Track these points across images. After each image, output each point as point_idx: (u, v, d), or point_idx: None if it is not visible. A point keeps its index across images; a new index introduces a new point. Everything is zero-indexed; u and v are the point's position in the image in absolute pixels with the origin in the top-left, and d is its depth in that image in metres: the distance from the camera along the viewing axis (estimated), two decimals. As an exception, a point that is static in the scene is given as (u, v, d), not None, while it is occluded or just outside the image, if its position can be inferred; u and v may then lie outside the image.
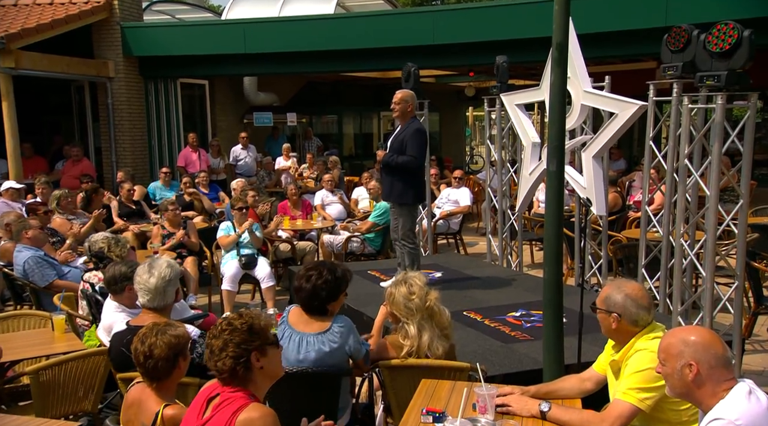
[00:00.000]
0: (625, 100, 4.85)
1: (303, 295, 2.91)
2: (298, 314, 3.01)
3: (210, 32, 10.01)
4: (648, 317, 2.51)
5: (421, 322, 3.08)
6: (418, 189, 5.18)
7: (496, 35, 8.44)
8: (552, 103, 3.48)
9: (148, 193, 8.91)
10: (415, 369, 3.06)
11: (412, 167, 5.05)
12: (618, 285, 2.61)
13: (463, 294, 5.37)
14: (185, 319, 4.04)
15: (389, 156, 5.12)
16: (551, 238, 3.50)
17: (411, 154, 5.02)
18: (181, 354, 2.30)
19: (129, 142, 10.32)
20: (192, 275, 5.94)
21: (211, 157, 10.57)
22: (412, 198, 5.16)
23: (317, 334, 2.90)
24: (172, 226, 6.33)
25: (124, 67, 10.06)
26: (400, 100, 5.14)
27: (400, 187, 5.11)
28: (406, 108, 5.13)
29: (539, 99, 5.71)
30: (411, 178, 5.10)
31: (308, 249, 7.20)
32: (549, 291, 3.57)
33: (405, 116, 5.16)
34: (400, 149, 5.08)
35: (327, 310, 2.96)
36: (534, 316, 4.76)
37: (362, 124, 17.79)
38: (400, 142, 5.10)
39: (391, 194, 5.20)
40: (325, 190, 8.91)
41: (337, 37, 9.45)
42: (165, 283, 3.07)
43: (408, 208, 5.19)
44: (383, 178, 5.28)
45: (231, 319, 2.15)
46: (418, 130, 5.09)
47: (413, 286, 3.12)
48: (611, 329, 2.61)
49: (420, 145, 5.05)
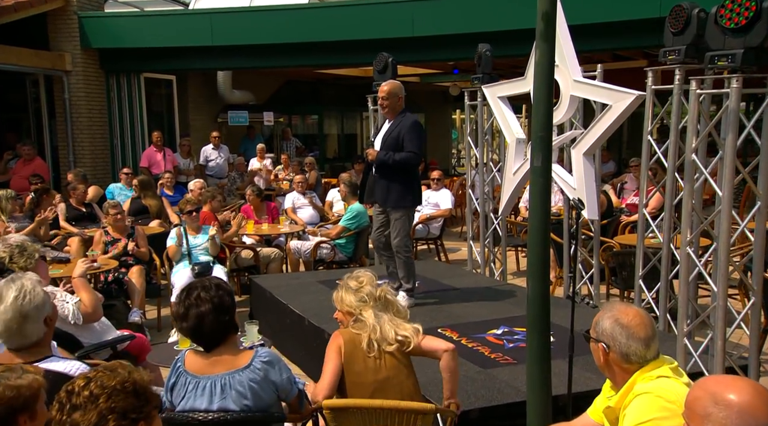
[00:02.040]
0: (621, 89, 4.29)
1: (186, 327, 2.29)
2: (197, 357, 2.36)
3: (175, 23, 9.37)
4: (644, 352, 1.91)
5: (377, 311, 2.72)
6: (417, 190, 4.64)
7: (479, 27, 7.88)
8: (537, 85, 2.91)
9: (105, 196, 8.24)
10: (366, 413, 2.46)
11: (413, 164, 4.50)
12: (610, 307, 2.04)
13: (439, 308, 4.79)
14: (104, 343, 3.42)
15: (384, 154, 4.50)
16: (536, 247, 2.92)
17: (411, 149, 4.44)
18: (24, 410, 1.65)
19: (88, 140, 9.65)
20: (137, 287, 5.29)
21: (180, 157, 9.96)
22: (411, 200, 4.58)
23: (233, 373, 2.28)
24: (116, 231, 5.68)
25: (83, 59, 9.40)
26: (388, 94, 4.54)
27: (398, 189, 4.52)
28: (396, 102, 4.54)
29: (524, 90, 5.13)
30: (410, 177, 4.54)
31: (273, 256, 6.59)
32: (534, 309, 2.98)
33: (395, 111, 4.57)
34: (396, 146, 4.48)
35: (228, 336, 2.35)
36: (517, 334, 4.18)
37: (344, 125, 17.23)
38: (395, 138, 4.50)
39: (388, 198, 4.58)
40: (296, 193, 8.30)
41: (311, 28, 8.85)
42: (19, 318, 2.24)
43: (406, 212, 4.60)
44: (377, 181, 4.62)
45: (101, 378, 1.52)
46: (415, 123, 4.54)
47: (361, 277, 2.86)
48: (600, 363, 2.05)
49: (419, 138, 4.50)
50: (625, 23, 7.62)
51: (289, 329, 5.01)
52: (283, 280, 5.76)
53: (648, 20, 7.47)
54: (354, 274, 2.92)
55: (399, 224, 4.59)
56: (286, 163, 11.26)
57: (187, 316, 2.29)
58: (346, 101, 16.87)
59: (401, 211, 4.57)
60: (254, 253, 6.42)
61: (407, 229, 4.63)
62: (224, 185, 10.43)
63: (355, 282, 2.85)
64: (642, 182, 4.24)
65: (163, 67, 10.07)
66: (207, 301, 2.29)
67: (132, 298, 5.30)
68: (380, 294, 2.79)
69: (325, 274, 6.21)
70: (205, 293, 2.31)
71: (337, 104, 16.64)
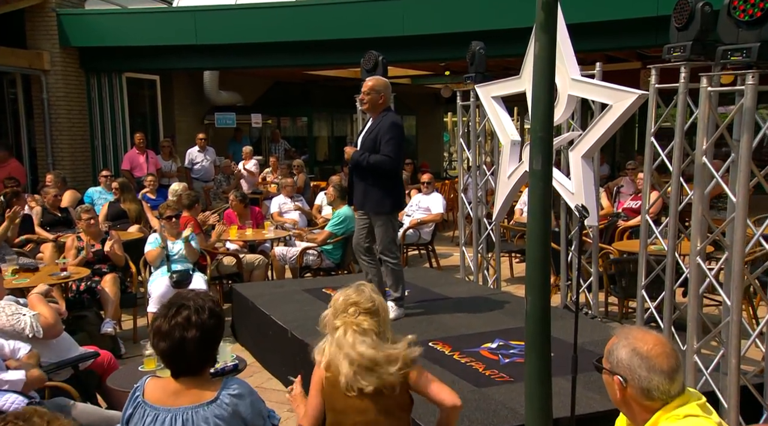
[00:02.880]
0: (622, 88, 4.06)
1: (164, 347, 1.99)
2: (158, 385, 2.08)
3: (157, 21, 9.08)
4: (668, 387, 1.64)
5: (351, 333, 2.33)
6: (397, 195, 4.31)
7: (471, 26, 7.65)
8: (537, 81, 2.65)
9: (82, 200, 7.92)
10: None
11: (386, 168, 4.17)
12: (626, 334, 1.74)
13: (430, 318, 4.52)
14: (64, 362, 3.13)
15: (360, 154, 4.24)
16: (536, 258, 2.67)
17: (385, 153, 4.15)
18: None
19: (68, 142, 9.33)
20: (111, 296, 5.00)
21: (161, 159, 9.66)
22: (390, 206, 4.28)
23: (197, 408, 1.99)
24: (89, 237, 5.38)
25: (62, 58, 9.09)
26: (369, 89, 4.26)
27: (376, 193, 4.23)
28: (377, 99, 4.26)
29: (520, 90, 4.90)
30: (388, 181, 4.23)
31: (257, 263, 6.30)
32: (533, 326, 2.73)
33: (375, 109, 4.29)
34: (373, 147, 4.20)
35: (203, 368, 2.07)
36: (513, 347, 3.92)
37: (334, 127, 16.97)
38: (373, 138, 4.23)
39: (365, 202, 4.30)
40: (283, 196, 8.03)
41: (298, 27, 8.60)
42: None
43: (386, 217, 4.31)
44: (354, 183, 4.36)
45: None
46: (393, 124, 4.21)
47: (341, 297, 2.41)
48: (616, 399, 1.75)
49: (396, 141, 4.17)
50: (619, 23, 7.42)
51: (271, 341, 4.73)
52: (267, 288, 5.48)
53: (644, 19, 7.28)
54: (348, 290, 2.45)
55: (381, 231, 4.32)
56: (275, 166, 10.99)
57: (169, 336, 1.97)
58: (336, 103, 16.61)
59: (382, 218, 4.30)
60: (237, 260, 6.14)
61: (391, 235, 4.35)
62: (210, 188, 10.17)
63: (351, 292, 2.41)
64: (645, 186, 4.00)
65: (146, 66, 9.78)
66: (196, 326, 1.97)
67: (105, 308, 5.01)
68: (346, 320, 2.33)
69: (311, 282, 5.94)
70: (197, 317, 1.98)
71: (327, 106, 16.39)
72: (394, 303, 4.41)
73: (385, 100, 4.29)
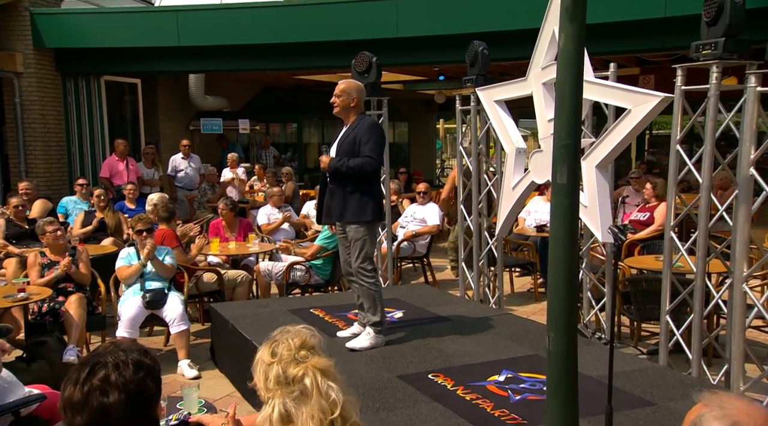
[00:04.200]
0: (642, 91, 3.65)
1: (81, 423, 1.50)
2: None
3: (138, 21, 8.62)
4: None
5: (288, 402, 1.72)
6: (378, 201, 3.93)
7: (469, 27, 7.24)
8: (562, 79, 2.24)
9: (55, 210, 7.43)
10: None
11: (368, 171, 3.79)
12: (720, 403, 1.26)
13: (428, 345, 4.08)
14: (5, 407, 2.66)
15: (337, 161, 3.85)
16: (560, 291, 2.25)
17: (367, 153, 3.78)
18: None
19: (42, 148, 8.83)
20: (75, 319, 4.52)
21: (143, 166, 9.18)
22: (371, 213, 3.86)
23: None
24: (54, 253, 4.90)
25: (36, 60, 8.60)
26: (341, 92, 3.92)
27: (356, 200, 3.83)
28: (349, 101, 3.91)
29: (525, 93, 4.49)
30: (368, 187, 3.86)
31: (240, 279, 5.84)
32: (556, 370, 2.30)
33: (347, 113, 3.95)
34: (352, 152, 3.83)
35: None
36: (524, 381, 3.49)
37: (325, 134, 16.55)
38: (351, 142, 3.87)
39: (345, 212, 3.90)
40: (270, 207, 7.58)
41: (285, 28, 8.16)
42: None
43: (367, 227, 3.89)
44: (331, 194, 3.97)
45: None
46: (373, 125, 3.90)
47: (280, 345, 1.80)
48: None
49: (378, 142, 3.84)
50: (623, 24, 7.03)
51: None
52: (249, 308, 5.02)
53: (651, 21, 6.91)
54: (284, 332, 1.87)
55: (359, 244, 3.89)
56: (261, 174, 10.56)
57: (85, 406, 1.51)
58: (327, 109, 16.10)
59: (362, 228, 3.88)
60: (218, 277, 5.67)
61: (368, 249, 3.90)
62: (194, 197, 9.73)
63: (269, 352, 1.82)
64: (669, 199, 3.60)
65: (126, 69, 9.30)
66: (118, 387, 1.52)
67: (68, 333, 4.52)
68: (297, 375, 1.75)
69: (298, 301, 5.49)
70: (117, 375, 1.53)
71: (317, 112, 15.99)
72: (371, 328, 3.98)
73: (358, 103, 3.93)
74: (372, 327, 4.00)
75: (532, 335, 4.22)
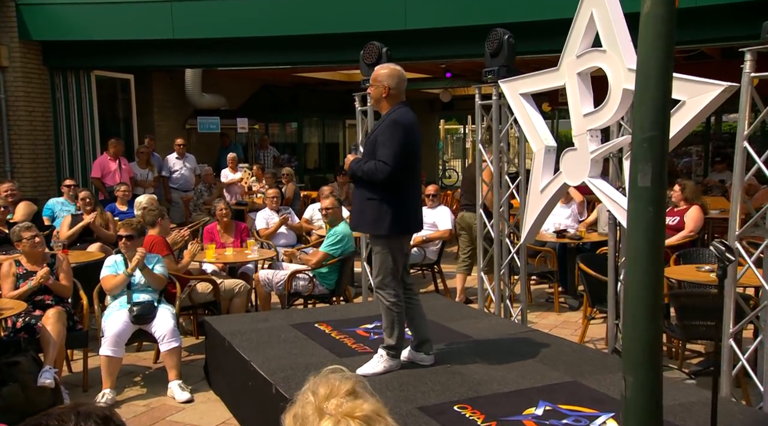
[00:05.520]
0: (700, 80, 3.18)
1: None
2: None
3: (130, 13, 8.15)
4: None
5: None
6: (399, 213, 3.34)
7: (484, 18, 6.76)
8: (645, 54, 1.76)
9: (40, 213, 6.95)
10: None
11: (381, 179, 3.26)
12: None
13: (450, 369, 3.60)
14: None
15: (356, 162, 3.38)
16: (643, 317, 1.77)
17: (380, 158, 3.27)
18: None
19: (28, 147, 8.36)
20: (53, 336, 4.04)
21: (137, 167, 8.72)
22: (387, 227, 3.32)
23: None
24: (31, 262, 4.42)
25: (22, 54, 8.15)
26: (373, 80, 3.42)
27: (373, 209, 3.33)
28: (381, 92, 3.39)
29: (557, 84, 4.02)
30: (388, 195, 3.31)
31: (238, 289, 5.36)
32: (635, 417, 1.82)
33: (380, 105, 3.45)
34: (372, 153, 3.35)
35: None
36: (566, 415, 3.01)
37: (326, 134, 16.11)
38: (372, 142, 3.39)
39: (361, 222, 3.44)
40: (268, 210, 7.11)
41: (287, 20, 7.71)
42: None
43: (384, 242, 3.37)
44: (353, 198, 3.58)
45: None
46: (393, 123, 3.32)
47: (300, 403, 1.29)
48: None
49: (397, 145, 3.27)
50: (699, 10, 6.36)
51: (250, 394, 3.79)
52: (247, 322, 4.54)
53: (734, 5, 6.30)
54: (311, 386, 1.35)
55: (378, 259, 3.40)
56: (260, 175, 10.11)
57: None
58: (328, 108, 15.80)
59: (379, 243, 3.39)
60: (214, 287, 5.19)
61: (389, 266, 3.38)
62: (190, 199, 9.28)
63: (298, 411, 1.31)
64: (734, 203, 3.12)
65: (117, 63, 8.85)
66: None
67: (45, 352, 4.04)
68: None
69: (300, 314, 5.02)
70: None
71: (317, 111, 15.57)
72: (384, 351, 3.50)
73: (391, 93, 3.40)
74: (385, 349, 3.53)
75: (566, 357, 3.75)
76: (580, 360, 3.67)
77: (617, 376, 3.38)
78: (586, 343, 4.92)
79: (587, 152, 3.79)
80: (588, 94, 3.84)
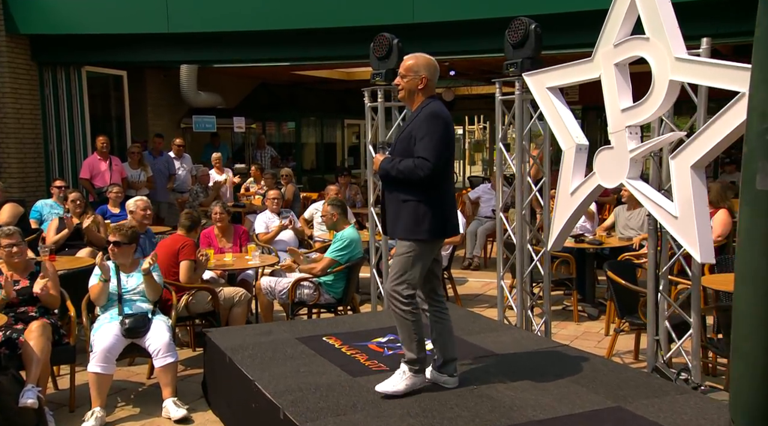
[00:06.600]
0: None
1: None
2: None
3: (123, 5, 7.82)
4: None
5: None
6: (439, 215, 3.02)
7: (497, 11, 6.43)
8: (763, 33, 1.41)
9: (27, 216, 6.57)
10: None
11: (421, 177, 2.92)
12: None
13: (476, 391, 3.24)
14: None
15: (389, 161, 3.03)
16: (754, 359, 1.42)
17: (420, 154, 2.93)
18: None
19: (16, 145, 8.02)
20: (36, 352, 3.66)
21: (129, 167, 8.37)
22: (428, 230, 2.98)
23: None
24: (12, 270, 4.04)
25: (9, 48, 7.84)
26: (406, 70, 3.06)
27: (410, 212, 2.99)
28: (416, 83, 3.04)
29: (590, 76, 3.69)
30: (426, 196, 2.99)
31: (238, 298, 4.99)
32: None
33: (412, 98, 3.09)
34: (407, 149, 3.00)
35: None
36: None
37: (324, 133, 15.78)
38: (406, 137, 3.03)
39: (396, 227, 3.06)
40: (268, 213, 6.75)
41: (288, 13, 7.39)
42: None
43: (416, 247, 3.00)
44: (382, 201, 3.20)
45: None
46: (432, 116, 2.98)
47: None
48: None
49: (438, 138, 2.94)
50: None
51: (254, 417, 3.43)
52: (249, 336, 4.18)
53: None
54: None
55: (401, 261, 3.02)
56: (258, 175, 9.76)
57: None
58: (327, 107, 15.50)
59: (407, 245, 3.02)
60: (212, 295, 4.83)
61: (411, 272, 3.01)
62: (186, 200, 8.95)
63: None
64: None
65: (109, 58, 8.52)
66: None
67: (27, 369, 3.66)
68: None
69: (306, 325, 4.65)
70: None
71: (316, 110, 15.26)
72: (407, 366, 3.14)
73: (427, 85, 3.05)
74: (407, 364, 3.17)
75: (604, 377, 3.40)
76: (619, 381, 3.33)
77: (666, 401, 3.04)
78: (612, 358, 4.58)
79: (626, 151, 3.46)
80: (626, 87, 3.51)
